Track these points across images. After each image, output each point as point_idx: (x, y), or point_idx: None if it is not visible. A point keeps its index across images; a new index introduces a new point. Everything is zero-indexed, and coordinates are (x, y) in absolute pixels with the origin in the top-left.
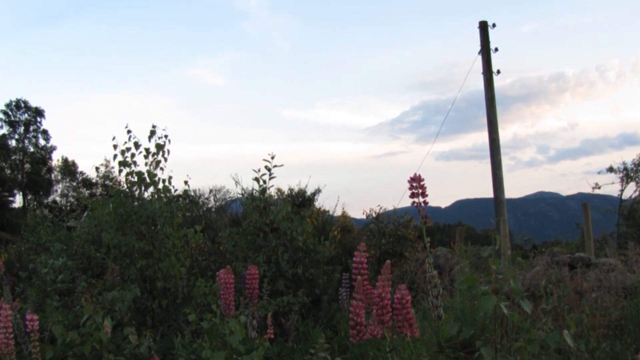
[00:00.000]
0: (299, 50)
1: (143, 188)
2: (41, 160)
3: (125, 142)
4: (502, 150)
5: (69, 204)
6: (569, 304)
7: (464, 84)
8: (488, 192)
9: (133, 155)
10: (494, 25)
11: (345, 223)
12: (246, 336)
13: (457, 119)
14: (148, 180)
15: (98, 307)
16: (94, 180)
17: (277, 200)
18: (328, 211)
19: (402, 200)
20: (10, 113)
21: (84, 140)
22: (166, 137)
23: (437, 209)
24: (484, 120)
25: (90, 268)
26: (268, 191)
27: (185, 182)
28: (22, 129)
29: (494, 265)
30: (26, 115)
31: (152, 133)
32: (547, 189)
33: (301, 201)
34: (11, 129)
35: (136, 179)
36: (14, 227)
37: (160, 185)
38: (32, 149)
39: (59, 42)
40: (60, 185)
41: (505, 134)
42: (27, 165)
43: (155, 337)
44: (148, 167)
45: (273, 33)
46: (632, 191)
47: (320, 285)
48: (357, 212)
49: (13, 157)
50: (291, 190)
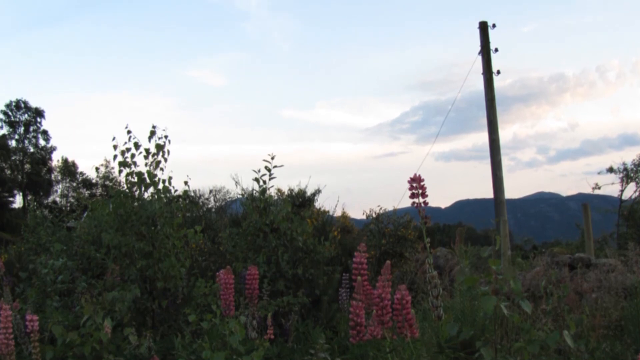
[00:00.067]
0: (299, 51)
1: (143, 188)
2: (41, 160)
3: (125, 143)
4: (502, 151)
5: (69, 205)
6: (569, 304)
7: (464, 85)
8: (488, 193)
9: (133, 155)
10: (494, 26)
11: (345, 223)
12: (246, 337)
13: (457, 120)
14: (148, 181)
15: (98, 307)
16: (94, 181)
17: (277, 201)
18: (328, 211)
19: (402, 200)
20: (10, 113)
21: (84, 140)
22: (166, 137)
23: (437, 210)
24: (484, 120)
25: (90, 268)
26: (268, 191)
27: (185, 183)
28: (22, 129)
29: (494, 265)
30: (26, 115)
31: (152, 133)
32: (547, 190)
33: (301, 202)
34: (11, 130)
35: (136, 180)
36: (14, 227)
37: (160, 186)
38: (32, 150)
39: (59, 42)
40: (60, 186)
41: (505, 135)
42: (27, 166)
43: (155, 338)
44: (148, 168)
45: (273, 33)
46: (632, 192)
47: (320, 285)
48: (357, 213)
49: (13, 158)
50: (291, 190)
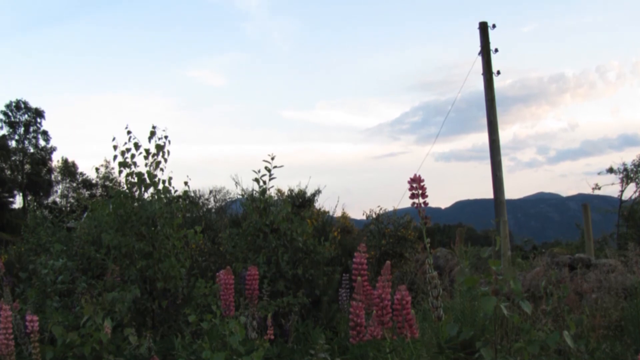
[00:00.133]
0: (299, 51)
1: (143, 189)
2: (41, 161)
3: (125, 143)
4: (502, 151)
5: (69, 205)
6: (569, 304)
7: (464, 85)
8: (488, 193)
9: (133, 156)
10: (494, 26)
11: (345, 224)
12: (246, 337)
13: (457, 120)
14: (148, 181)
15: (98, 308)
16: (94, 181)
17: (277, 201)
18: (328, 212)
19: (402, 201)
20: (10, 114)
21: (84, 140)
22: (166, 137)
23: (437, 210)
24: (484, 121)
25: (90, 269)
26: (268, 192)
27: (185, 183)
28: (22, 129)
29: (494, 266)
30: (26, 116)
31: (152, 134)
32: (547, 190)
33: (301, 202)
34: (11, 130)
35: (136, 180)
36: (14, 228)
37: (160, 186)
38: (32, 150)
39: (59, 42)
40: (60, 186)
41: (505, 135)
42: (27, 166)
43: (155, 338)
44: (148, 168)
45: (273, 33)
46: (632, 192)
47: (320, 286)
48: (357, 213)
49: (13, 158)
50: (291, 191)
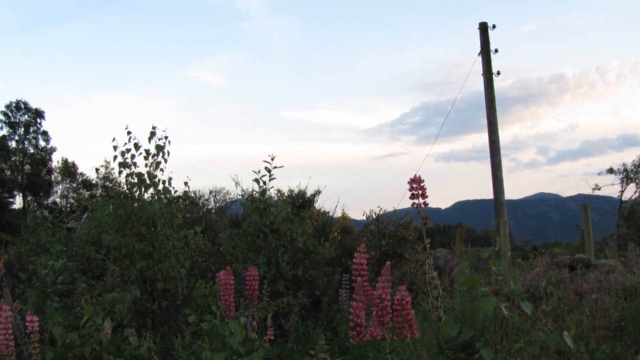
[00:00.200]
0: (299, 51)
1: (143, 189)
2: (41, 161)
3: (125, 144)
4: (502, 152)
5: (69, 205)
6: (569, 305)
7: (464, 85)
8: (488, 194)
9: (133, 156)
10: (494, 27)
11: (345, 224)
12: (246, 337)
13: (457, 120)
14: (148, 182)
15: (98, 308)
16: (94, 182)
17: (277, 202)
18: (328, 212)
19: (402, 201)
20: (10, 114)
21: (84, 141)
22: (166, 138)
23: (437, 210)
24: (484, 121)
25: (91, 269)
26: (268, 192)
27: (185, 183)
28: (22, 130)
29: (494, 266)
30: (26, 116)
31: (152, 134)
32: (547, 190)
33: (301, 202)
34: (11, 130)
35: (136, 180)
36: (14, 228)
37: (160, 187)
38: (32, 150)
39: (59, 42)
40: (60, 187)
41: (505, 135)
42: (27, 167)
43: (155, 339)
44: (148, 169)
45: (273, 34)
46: (632, 192)
47: (320, 286)
48: (357, 214)
49: (13, 159)
50: (291, 191)
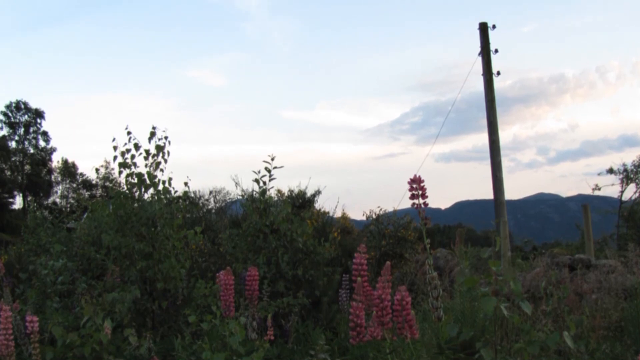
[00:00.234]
0: (299, 51)
1: (143, 189)
2: (41, 161)
3: (125, 144)
4: (502, 152)
5: (69, 206)
6: (569, 305)
7: (464, 85)
8: (488, 194)
9: (133, 156)
10: (494, 27)
11: (345, 224)
12: (246, 337)
13: (457, 121)
14: (148, 182)
15: (98, 308)
16: (94, 182)
17: (277, 202)
18: (328, 212)
19: (402, 201)
20: (10, 114)
21: (84, 141)
22: (166, 138)
23: (437, 211)
24: (484, 121)
25: (91, 269)
26: (268, 192)
27: (185, 184)
28: (22, 130)
29: (494, 266)
30: (26, 116)
31: (152, 134)
32: (547, 191)
33: (301, 202)
34: (11, 131)
35: (136, 181)
36: (14, 228)
37: (160, 187)
38: (32, 151)
39: (58, 42)
40: (60, 187)
41: (505, 136)
42: (27, 167)
43: (155, 339)
44: (148, 169)
45: (273, 34)
46: (632, 192)
47: (320, 286)
48: (357, 214)
49: (13, 159)
50: (291, 191)
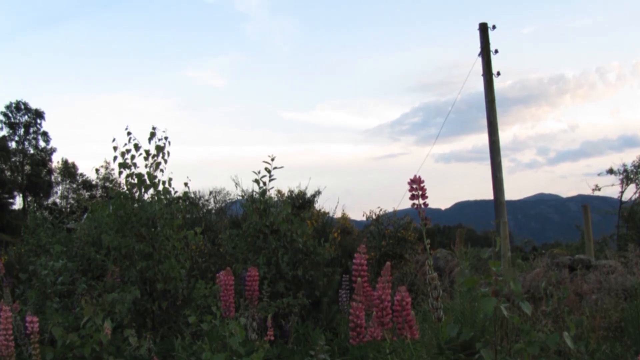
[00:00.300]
0: (299, 52)
1: (143, 190)
2: (41, 162)
3: (125, 144)
4: (502, 152)
5: (69, 206)
6: (569, 305)
7: (464, 86)
8: (488, 194)
9: (133, 157)
10: (494, 27)
11: (345, 225)
12: (246, 338)
13: (457, 121)
14: (148, 182)
15: (98, 309)
16: (94, 182)
17: (277, 202)
18: (328, 213)
19: (402, 202)
20: (10, 115)
21: (84, 141)
22: (166, 138)
23: (437, 211)
24: (484, 122)
25: (90, 270)
26: (268, 193)
27: (185, 184)
28: (22, 130)
29: (494, 267)
30: (26, 117)
31: (152, 135)
32: (547, 191)
33: (301, 203)
34: (11, 131)
35: (136, 181)
36: (14, 229)
37: (160, 187)
38: (32, 151)
39: (59, 43)
40: (60, 187)
41: (505, 136)
42: (27, 167)
43: (155, 339)
44: (148, 169)
45: (273, 34)
46: (632, 193)
47: (320, 287)
48: (357, 214)
49: (13, 159)
50: (291, 192)
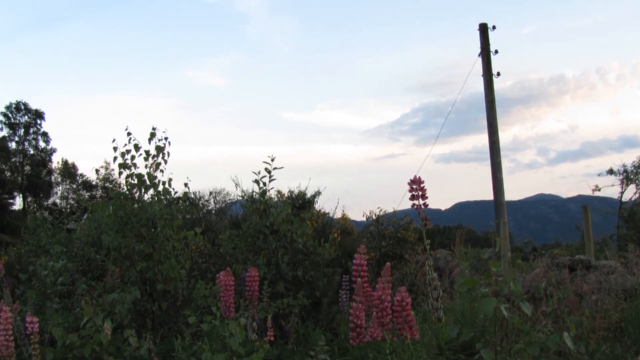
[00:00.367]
0: (299, 52)
1: (143, 190)
2: (41, 162)
3: (125, 144)
4: (502, 153)
5: (69, 206)
6: (569, 306)
7: (464, 86)
8: (488, 195)
9: (133, 157)
10: (494, 28)
11: (345, 225)
12: (246, 338)
13: (457, 121)
14: (148, 183)
15: (98, 309)
16: (94, 183)
17: (277, 203)
18: (328, 213)
19: (402, 202)
20: (10, 115)
21: (84, 141)
22: (166, 139)
23: (437, 211)
24: (484, 122)
25: (90, 270)
26: (268, 193)
27: (185, 184)
28: (22, 131)
29: (494, 267)
30: (26, 117)
31: (152, 135)
32: (547, 191)
33: (301, 203)
34: (11, 131)
35: (136, 181)
36: (14, 229)
37: (160, 188)
38: (32, 151)
39: (59, 43)
40: (60, 188)
41: (505, 136)
42: (27, 168)
43: (155, 340)
44: (148, 170)
45: (273, 35)
46: (632, 193)
47: (320, 287)
48: (357, 215)
49: (13, 160)
50: (291, 192)
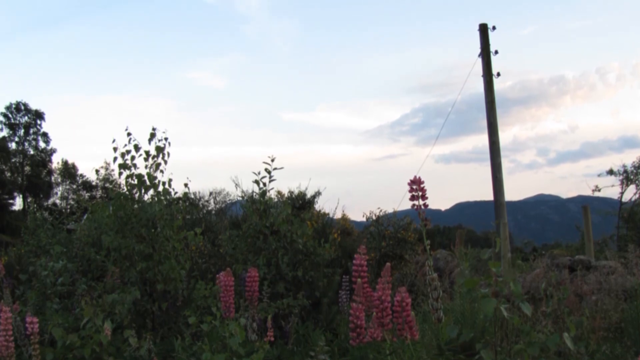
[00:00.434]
0: (299, 53)
1: (143, 190)
2: (41, 162)
3: (125, 145)
4: (502, 153)
5: (69, 207)
6: (569, 306)
7: (464, 87)
8: (488, 195)
9: (133, 157)
10: (494, 28)
11: (345, 226)
12: (246, 339)
13: (457, 122)
14: (148, 183)
15: (98, 309)
16: (94, 183)
17: (277, 203)
18: (328, 214)
19: (402, 202)
20: (10, 115)
21: (84, 142)
22: (166, 139)
23: (437, 212)
24: (484, 122)
25: (90, 271)
26: (268, 194)
27: (185, 185)
28: (22, 131)
29: (494, 267)
30: (26, 117)
31: (152, 135)
32: (547, 192)
33: (301, 204)
34: (11, 132)
35: (136, 182)
36: (14, 229)
37: (160, 188)
38: (32, 152)
39: (59, 43)
40: (60, 188)
41: (505, 137)
42: (27, 168)
43: (155, 340)
44: (148, 170)
45: (273, 35)
46: (632, 194)
47: (320, 287)
48: (357, 215)
49: (13, 160)
50: (291, 192)
